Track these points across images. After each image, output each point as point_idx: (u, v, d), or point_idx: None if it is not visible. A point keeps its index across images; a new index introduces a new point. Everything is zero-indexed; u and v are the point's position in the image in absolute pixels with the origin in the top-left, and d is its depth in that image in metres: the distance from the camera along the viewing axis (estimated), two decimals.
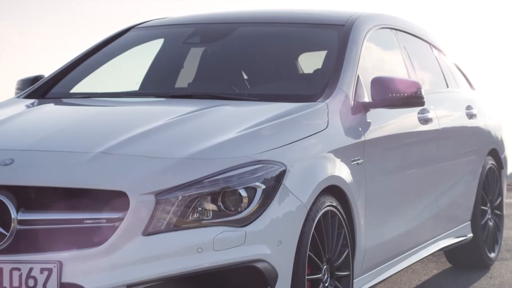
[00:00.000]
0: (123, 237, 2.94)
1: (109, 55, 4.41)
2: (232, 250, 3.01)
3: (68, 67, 4.33)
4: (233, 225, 3.04)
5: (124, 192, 2.97)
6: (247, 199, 3.07)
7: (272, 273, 3.07)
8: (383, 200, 3.94)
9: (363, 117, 3.85)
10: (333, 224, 3.43)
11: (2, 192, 3.00)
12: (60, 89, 4.19)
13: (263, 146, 3.23)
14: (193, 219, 3.02)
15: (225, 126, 3.36)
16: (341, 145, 3.60)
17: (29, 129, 3.45)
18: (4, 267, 2.94)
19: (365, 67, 4.08)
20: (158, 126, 3.32)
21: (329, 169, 3.43)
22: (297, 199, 3.19)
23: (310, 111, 3.60)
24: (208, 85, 4.16)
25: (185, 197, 3.01)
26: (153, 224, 2.98)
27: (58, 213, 2.99)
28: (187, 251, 2.97)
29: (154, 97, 4.08)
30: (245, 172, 3.10)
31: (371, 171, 3.79)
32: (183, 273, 2.96)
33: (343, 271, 3.51)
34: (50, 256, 2.94)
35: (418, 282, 4.88)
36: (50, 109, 3.84)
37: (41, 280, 2.93)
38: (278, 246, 3.10)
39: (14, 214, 2.97)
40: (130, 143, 3.17)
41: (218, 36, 4.37)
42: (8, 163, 3.08)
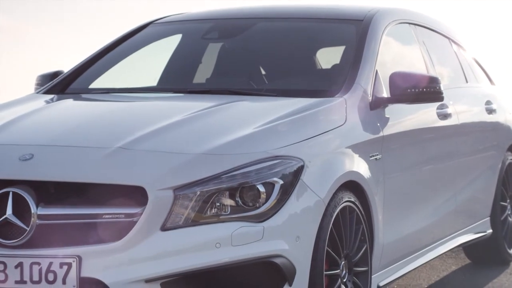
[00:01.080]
0: (141, 232, 2.96)
1: (128, 51, 4.43)
2: (250, 246, 3.01)
3: (87, 62, 4.35)
4: (251, 221, 3.04)
5: (142, 187, 2.98)
6: (265, 195, 3.07)
7: (290, 268, 3.07)
8: (402, 196, 3.92)
9: (381, 113, 3.84)
10: (351, 220, 3.42)
11: (22, 187, 3.03)
12: (79, 84, 4.21)
13: (281, 142, 3.23)
14: (211, 215, 3.02)
15: (243, 121, 3.36)
16: (359, 140, 3.59)
17: (49, 124, 3.47)
18: (24, 261, 2.96)
19: (384, 62, 4.06)
20: (176, 121, 3.33)
21: (347, 165, 3.42)
22: (315, 194, 3.19)
23: (328, 107, 3.59)
24: (226, 81, 4.17)
25: (203, 193, 3.01)
26: (171, 219, 2.99)
27: (77, 208, 3.01)
28: (205, 246, 2.98)
29: (172, 93, 4.09)
30: (263, 167, 3.10)
31: (389, 167, 3.78)
32: (201, 268, 2.97)
33: (361, 267, 3.51)
34: (69, 250, 2.96)
35: (437, 278, 4.86)
36: (69, 105, 3.86)
37: (60, 274, 2.95)
38: (296, 241, 3.10)
39: (34, 209, 2.99)
40: (149, 139, 3.18)
41: (236, 31, 4.37)
42: (28, 158, 3.10)
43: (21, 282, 2.96)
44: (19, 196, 3.01)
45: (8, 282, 2.97)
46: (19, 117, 3.51)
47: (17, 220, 2.99)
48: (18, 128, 3.40)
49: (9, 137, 3.30)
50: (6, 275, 2.97)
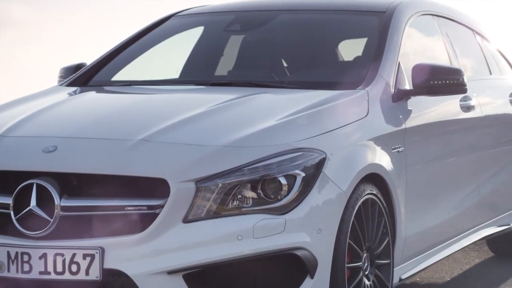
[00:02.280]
0: (163, 224, 2.97)
1: (150, 43, 4.44)
2: (272, 238, 3.01)
3: (110, 55, 4.37)
4: (273, 213, 3.04)
5: (164, 179, 2.99)
6: (286, 187, 3.07)
7: (311, 260, 3.07)
8: (424, 188, 3.90)
9: (404, 105, 3.82)
10: (373, 212, 3.41)
11: (46, 178, 3.05)
12: (102, 77, 4.23)
13: (303, 134, 3.22)
14: (233, 207, 3.03)
15: (265, 113, 3.36)
16: (382, 133, 3.58)
17: (72, 116, 3.50)
18: (48, 253, 2.99)
19: (406, 54, 4.04)
20: (198, 113, 3.34)
21: (369, 157, 3.41)
22: (337, 187, 3.19)
23: (350, 99, 3.58)
24: (248, 73, 4.17)
25: (225, 185, 3.02)
26: (193, 211, 3.00)
27: (99, 199, 3.03)
28: (227, 238, 2.98)
29: (194, 85, 4.09)
30: (285, 159, 3.10)
31: (411, 159, 3.76)
32: (223, 260, 2.98)
33: (383, 260, 3.50)
34: (92, 242, 2.98)
35: (460, 271, 4.84)
36: (92, 97, 3.88)
37: (83, 265, 2.97)
38: (317, 234, 3.09)
39: (58, 200, 3.02)
40: (171, 131, 3.19)
41: (258, 23, 4.37)
42: (52, 150, 3.12)
43: (45, 273, 2.99)
44: (43, 188, 3.03)
45: (32, 272, 3.00)
46: (43, 109, 3.54)
47: (40, 211, 3.02)
48: (41, 120, 3.42)
49: (33, 129, 3.33)
50: (30, 266, 3.00)
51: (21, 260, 3.00)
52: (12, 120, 3.41)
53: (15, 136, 3.28)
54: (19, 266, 3.00)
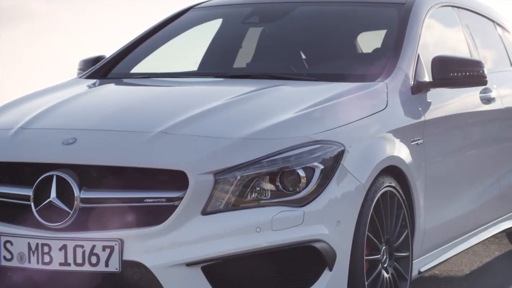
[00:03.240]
0: (182, 216, 2.98)
1: (169, 36, 4.45)
2: (290, 230, 3.01)
3: (129, 47, 4.38)
4: (291, 205, 3.04)
5: (183, 171, 3.00)
6: (305, 179, 3.07)
7: (330, 253, 3.07)
8: (443, 181, 3.89)
9: (423, 97, 3.80)
10: (392, 205, 3.40)
11: (65, 170, 3.07)
12: (121, 69, 4.24)
13: (322, 126, 3.21)
14: (251, 199, 3.03)
15: (283, 106, 3.35)
16: (401, 125, 3.57)
17: (91, 109, 3.51)
18: (68, 244, 3.01)
19: (426, 46, 4.01)
20: (217, 106, 3.34)
21: (388, 150, 3.40)
22: (356, 179, 3.18)
23: (369, 91, 3.57)
24: (266, 65, 4.16)
25: (243, 177, 3.02)
26: (212, 203, 3.01)
27: (119, 191, 3.04)
28: (245, 230, 2.99)
29: (212, 77, 4.10)
30: (304, 152, 3.09)
31: (431, 152, 3.74)
32: (241, 252, 2.98)
33: (402, 252, 3.49)
34: (111, 234, 3.00)
35: (479, 264, 4.81)
36: (111, 89, 3.90)
37: (103, 257, 2.99)
38: (336, 226, 3.09)
39: (77, 192, 3.04)
40: (189, 123, 3.19)
41: (277, 15, 4.36)
42: (71, 142, 3.14)
43: (65, 264, 3.01)
44: (63, 180, 3.05)
45: (52, 264, 3.02)
46: (62, 101, 3.56)
47: (60, 203, 3.04)
48: (61, 112, 3.44)
49: (53, 121, 3.35)
50: (51, 257, 3.02)
51: (41, 251, 3.03)
52: (32, 112, 3.43)
53: (35, 129, 3.30)
54: (40, 257, 3.03)
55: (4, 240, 3.07)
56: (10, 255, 3.06)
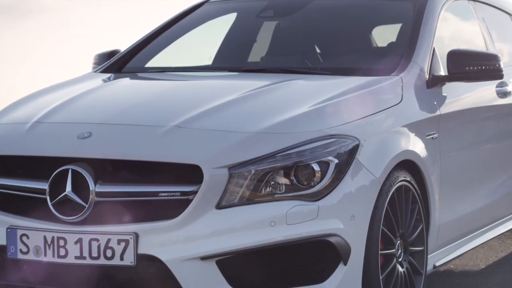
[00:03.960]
0: (197, 210, 2.99)
1: (183, 30, 4.45)
2: (305, 224, 3.01)
3: (143, 41, 4.39)
4: (306, 199, 3.04)
5: (198, 165, 3.01)
6: (320, 173, 3.06)
7: (345, 247, 3.06)
8: (458, 175, 3.87)
9: (438, 91, 3.78)
10: (407, 199, 3.39)
11: (81, 164, 3.08)
12: (136, 63, 4.25)
13: (336, 120, 3.21)
14: (265, 193, 3.03)
15: (298, 100, 3.35)
16: (416, 119, 3.55)
17: (106, 103, 3.52)
18: (83, 238, 3.03)
19: (441, 39, 3.99)
20: (231, 100, 3.34)
21: (403, 144, 3.39)
22: (370, 173, 3.17)
23: (384, 85, 3.56)
24: (281, 59, 4.16)
25: (258, 171, 3.02)
26: (226, 197, 3.01)
27: (134, 185, 3.05)
28: (260, 224, 2.99)
29: (227, 71, 4.10)
30: (318, 146, 3.09)
31: (446, 146, 3.72)
32: (256, 246, 2.99)
33: (417, 247, 3.48)
34: (126, 227, 3.01)
35: (495, 259, 4.79)
36: (126, 83, 3.91)
37: (118, 251, 3.00)
38: (351, 220, 3.09)
39: (92, 186, 3.05)
40: (204, 117, 3.20)
41: (291, 9, 4.35)
42: (86, 136, 3.15)
43: (81, 257, 3.03)
44: (78, 174, 3.06)
45: (68, 257, 3.04)
46: (77, 95, 3.57)
47: (76, 197, 3.06)
48: (76, 106, 3.45)
49: (68, 115, 3.36)
50: (66, 251, 3.04)
51: (57, 244, 3.04)
52: (48, 106, 3.45)
53: (51, 123, 3.32)
54: (55, 250, 3.04)
55: (20, 234, 3.09)
56: (26, 248, 3.08)
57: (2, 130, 3.35)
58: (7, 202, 3.19)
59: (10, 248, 3.10)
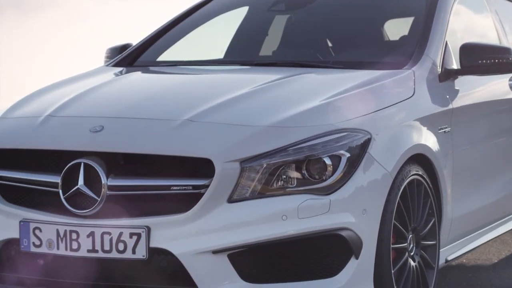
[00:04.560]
0: (208, 204, 2.99)
1: (195, 23, 4.45)
2: (316, 218, 3.01)
3: (155, 35, 4.39)
4: (317, 193, 3.04)
5: (209, 159, 3.01)
6: (331, 167, 3.06)
7: (356, 241, 3.06)
8: (471, 170, 3.86)
9: (451, 85, 3.77)
10: (419, 193, 3.39)
11: (93, 158, 3.09)
12: (147, 57, 4.26)
13: (348, 114, 3.20)
14: (277, 187, 3.03)
15: (309, 94, 3.35)
16: (428, 113, 3.54)
17: (118, 96, 3.53)
18: (96, 231, 3.04)
19: (454, 32, 3.97)
20: (243, 94, 3.34)
21: (415, 138, 3.38)
22: (382, 167, 3.17)
23: (396, 79, 3.55)
24: (293, 53, 4.15)
25: (269, 165, 3.02)
26: (238, 191, 3.01)
27: (145, 179, 3.06)
28: (271, 218, 2.99)
29: (239, 65, 4.10)
30: (330, 140, 3.09)
31: (458, 140, 3.71)
32: (267, 240, 2.99)
33: (429, 241, 3.47)
34: (138, 221, 3.02)
35: (508, 253, 4.78)
36: (138, 77, 3.92)
37: (130, 244, 3.01)
38: (362, 214, 3.08)
39: (104, 179, 3.06)
40: (216, 111, 3.20)
41: (303, 3, 4.34)
42: (98, 130, 3.16)
43: (93, 251, 3.04)
44: (90, 167, 3.07)
45: (80, 250, 3.05)
46: (90, 89, 3.58)
47: (88, 190, 3.07)
48: (88, 100, 3.46)
49: (80, 109, 3.37)
50: (79, 244, 3.05)
51: (69, 238, 3.06)
52: (60, 100, 3.46)
53: (63, 116, 3.33)
54: (68, 243, 3.06)
55: (33, 227, 3.10)
56: (39, 242, 3.10)
57: (15, 124, 3.36)
58: (20, 195, 3.20)
59: (23, 241, 3.11)
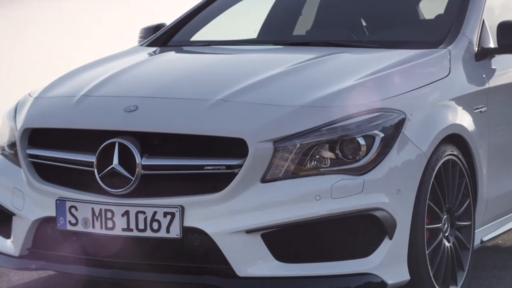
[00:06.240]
0: (242, 183, 3.00)
1: (229, 3, 4.44)
2: (349, 198, 3.01)
3: (189, 15, 4.39)
4: (351, 173, 3.03)
5: (243, 139, 3.01)
6: (365, 147, 3.05)
7: (390, 221, 3.05)
8: (507, 150, 3.81)
9: (487, 64, 3.72)
10: (453, 173, 3.36)
11: (127, 138, 3.11)
12: (181, 37, 4.26)
13: (382, 94, 3.18)
14: (310, 167, 3.03)
15: (343, 73, 3.33)
16: (463, 92, 3.50)
17: (152, 76, 3.55)
18: (130, 210, 3.07)
19: (491, 10, 3.91)
20: (277, 73, 3.33)
21: (450, 117, 3.34)
22: (417, 147, 3.14)
23: (431, 58, 3.51)
24: (326, 32, 4.12)
25: (303, 145, 3.02)
26: (271, 171, 3.01)
27: (179, 159, 3.07)
28: (304, 198, 2.99)
29: (272, 45, 4.08)
30: (364, 120, 3.07)
31: (495, 120, 3.67)
32: (300, 220, 2.99)
33: (464, 221, 3.45)
34: (172, 200, 3.04)
35: None
36: (172, 57, 3.92)
37: (164, 223, 3.04)
38: (396, 194, 3.07)
39: (139, 159, 3.08)
40: (249, 91, 3.20)
41: None
42: (133, 110, 3.18)
43: (128, 229, 3.07)
44: (125, 147, 3.09)
45: (115, 229, 3.08)
46: (124, 69, 3.60)
47: (123, 170, 3.09)
48: (123, 80, 3.48)
49: (114, 89, 3.40)
50: (114, 223, 3.09)
51: (104, 216, 3.09)
52: (95, 80, 3.49)
53: (98, 96, 3.35)
54: (103, 222, 3.09)
55: (69, 206, 3.14)
56: (75, 220, 3.14)
57: (51, 104, 3.40)
58: (56, 174, 3.24)
59: (60, 220, 3.16)
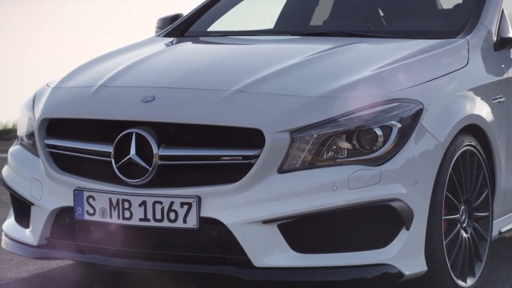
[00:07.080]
0: (258, 174, 3.00)
1: None
2: (367, 189, 3.00)
3: (206, 5, 4.39)
4: (368, 164, 3.02)
5: (260, 129, 3.01)
6: (382, 138, 3.04)
7: (407, 212, 3.04)
8: None
9: (506, 53, 3.69)
10: (471, 164, 3.34)
11: (144, 128, 3.12)
12: (198, 27, 4.26)
13: (400, 84, 3.17)
14: (327, 158, 3.02)
15: (361, 64, 3.31)
16: (482, 82, 3.48)
17: (169, 67, 3.55)
18: (148, 200, 3.08)
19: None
20: (293, 64, 3.32)
21: (468, 108, 3.32)
22: (434, 138, 3.13)
23: (449, 48, 3.49)
24: (344, 23, 4.11)
25: (319, 136, 3.01)
26: (288, 161, 3.01)
27: (196, 149, 3.08)
28: (321, 189, 2.99)
29: (289, 35, 4.07)
30: (381, 110, 3.06)
31: None
32: (317, 210, 2.99)
33: (482, 212, 3.43)
34: (189, 191, 3.05)
35: None
36: (188, 48, 3.93)
37: (181, 213, 3.05)
38: (414, 185, 3.06)
39: (156, 149, 3.09)
40: (266, 81, 3.19)
41: None
42: (150, 100, 3.19)
43: (145, 219, 3.08)
44: (142, 137, 3.10)
45: (133, 219, 3.10)
46: (141, 59, 3.61)
47: (140, 160, 3.10)
48: (139, 70, 3.49)
49: (131, 79, 3.40)
50: (131, 213, 3.10)
51: (122, 207, 3.11)
52: (112, 70, 3.49)
53: (115, 86, 3.36)
54: (121, 212, 3.11)
55: (87, 195, 3.16)
56: (92, 210, 3.15)
57: (68, 94, 3.41)
58: (74, 164, 3.26)
59: (78, 209, 3.18)
